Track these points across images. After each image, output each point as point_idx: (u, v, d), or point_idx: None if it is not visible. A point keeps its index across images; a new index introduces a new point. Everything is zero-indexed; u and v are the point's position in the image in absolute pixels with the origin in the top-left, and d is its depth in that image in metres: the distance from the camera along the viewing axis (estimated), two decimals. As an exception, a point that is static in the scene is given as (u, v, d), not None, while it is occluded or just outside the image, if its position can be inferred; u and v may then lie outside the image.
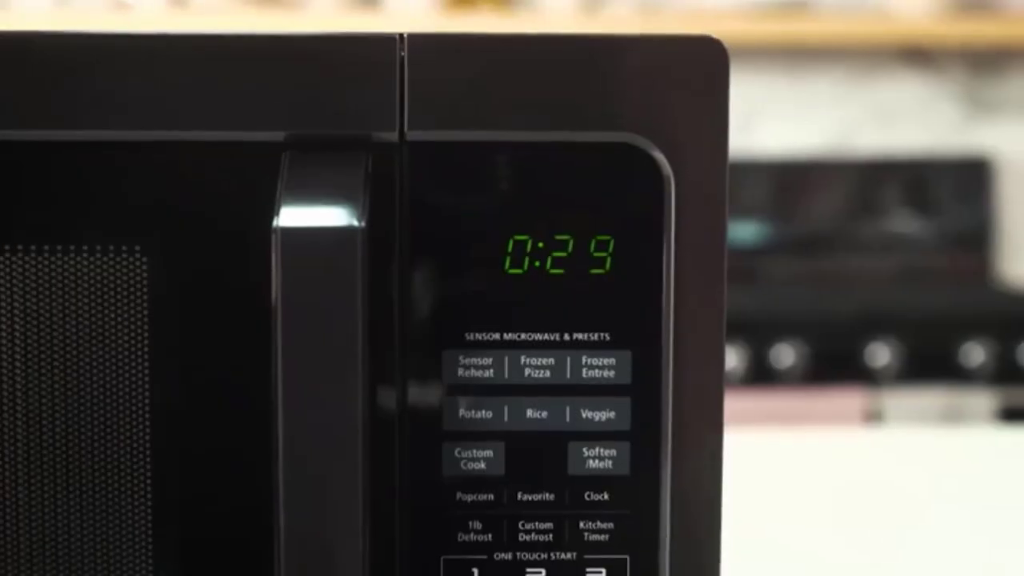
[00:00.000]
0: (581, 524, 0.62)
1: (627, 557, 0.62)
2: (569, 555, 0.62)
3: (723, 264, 0.63)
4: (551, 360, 0.62)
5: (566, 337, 0.62)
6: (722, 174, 0.62)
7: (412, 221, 0.61)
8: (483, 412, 0.62)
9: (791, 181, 2.96)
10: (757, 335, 2.51)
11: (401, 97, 0.61)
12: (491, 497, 0.62)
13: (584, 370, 0.62)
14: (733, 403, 0.71)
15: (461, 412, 0.62)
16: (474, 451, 0.62)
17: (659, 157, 0.61)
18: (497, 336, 0.62)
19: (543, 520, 0.62)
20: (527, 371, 0.62)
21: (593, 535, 0.62)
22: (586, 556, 0.62)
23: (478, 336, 0.62)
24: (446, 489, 0.62)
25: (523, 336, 0.62)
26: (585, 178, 0.61)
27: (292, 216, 0.57)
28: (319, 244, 0.57)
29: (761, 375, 2.50)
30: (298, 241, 0.57)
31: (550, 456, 0.62)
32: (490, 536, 0.62)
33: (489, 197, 0.61)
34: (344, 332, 0.57)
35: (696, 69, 0.62)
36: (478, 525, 0.62)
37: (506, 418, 0.62)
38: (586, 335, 0.62)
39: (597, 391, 0.62)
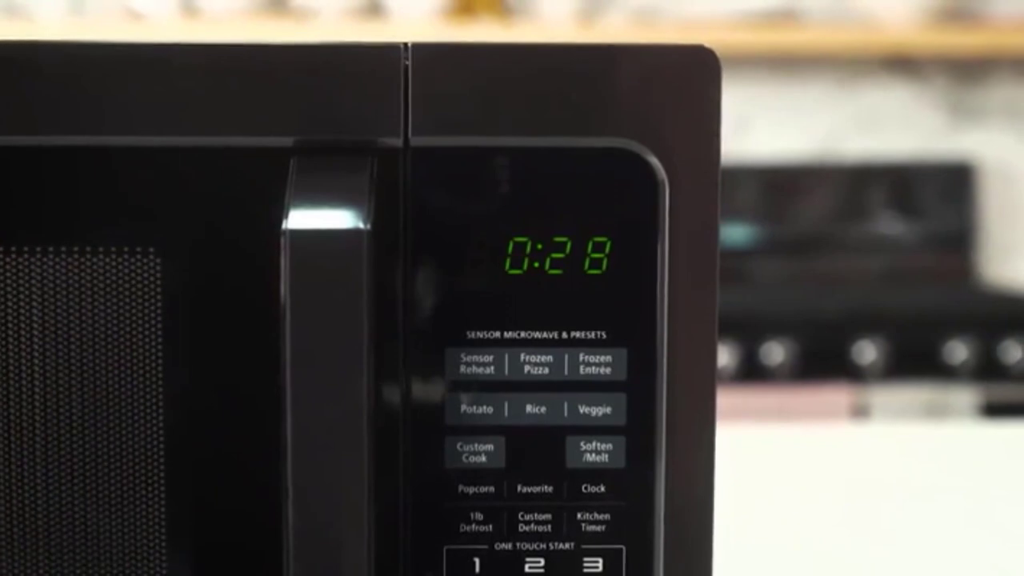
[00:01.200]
0: (579, 515, 0.62)
1: (623, 547, 0.62)
2: (567, 545, 0.62)
3: (715, 265, 0.63)
4: (549, 357, 0.62)
5: (564, 335, 0.62)
6: (714, 178, 0.62)
7: (416, 223, 0.61)
8: (484, 407, 0.62)
9: (781, 185, 2.96)
10: (748, 333, 2.51)
11: (405, 104, 0.61)
12: (492, 489, 0.62)
13: (581, 367, 0.62)
14: (725, 399, 0.71)
15: (463, 407, 0.62)
16: (475, 445, 0.62)
17: (654, 162, 0.61)
18: (498, 334, 0.62)
19: (542, 511, 0.62)
20: (526, 368, 0.62)
21: (590, 526, 0.62)
22: (583, 546, 0.62)
23: (479, 334, 0.62)
24: (448, 482, 0.62)
25: (523, 334, 0.62)
26: (582, 182, 0.61)
27: (300, 219, 0.57)
28: (326, 246, 0.57)
29: (752, 372, 2.50)
30: (306, 243, 0.57)
31: (549, 450, 0.62)
32: (491, 527, 0.62)
33: (489, 200, 0.61)
34: (350, 330, 0.57)
35: (689, 77, 0.62)
36: (479, 516, 0.62)
37: (506, 413, 0.62)
38: (583, 333, 0.62)
39: (594, 387, 0.62)
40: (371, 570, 0.58)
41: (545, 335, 0.62)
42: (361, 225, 0.57)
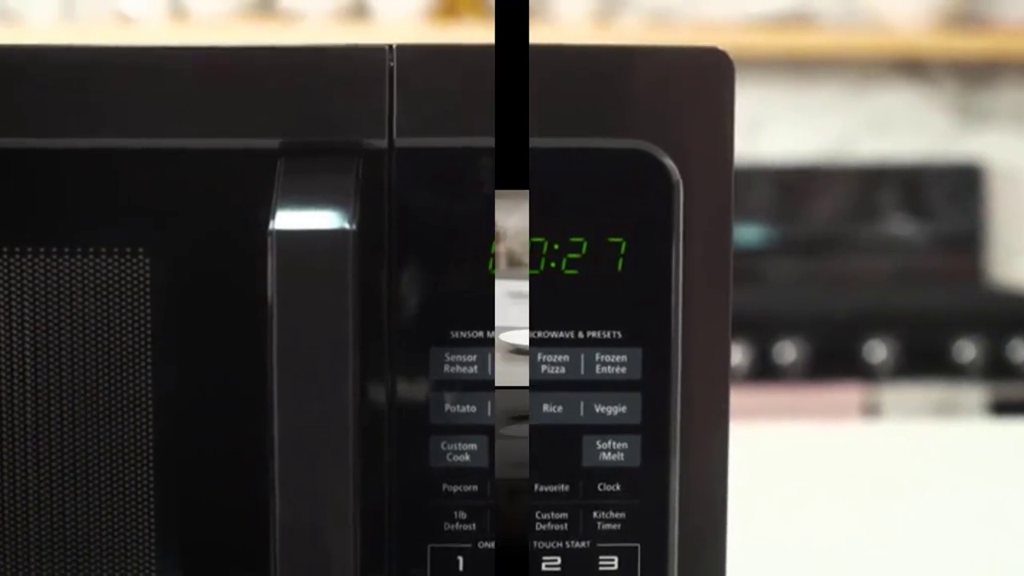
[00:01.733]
0: (595, 514, 0.62)
1: (638, 545, 0.62)
2: (583, 543, 0.62)
3: (729, 265, 0.62)
4: (566, 357, 0.61)
5: (580, 335, 0.61)
6: (728, 179, 0.62)
7: (400, 224, 0.61)
8: (468, 407, 0.61)
9: (793, 186, 2.96)
10: (761, 333, 2.50)
11: (390, 106, 0.61)
12: (475, 488, 0.61)
13: (597, 366, 0.61)
14: (738, 398, 0.70)
15: (447, 407, 0.61)
16: (459, 444, 0.61)
17: (668, 163, 0.61)
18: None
19: (559, 510, 0.62)
20: (543, 367, 0.61)
21: (606, 524, 0.62)
22: (599, 544, 0.62)
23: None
24: (433, 480, 0.61)
25: (539, 334, 0.61)
26: (598, 183, 0.61)
27: (287, 219, 0.57)
28: (312, 246, 0.57)
29: (764, 371, 2.50)
30: (292, 243, 0.57)
31: (565, 449, 0.62)
32: (474, 525, 0.62)
33: (475, 201, 0.61)
34: (336, 330, 0.57)
35: (703, 79, 0.61)
36: (463, 515, 0.61)
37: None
38: (599, 333, 0.61)
39: (609, 386, 0.61)
40: (356, 567, 0.58)
41: (561, 335, 0.61)
42: (347, 225, 0.57)
